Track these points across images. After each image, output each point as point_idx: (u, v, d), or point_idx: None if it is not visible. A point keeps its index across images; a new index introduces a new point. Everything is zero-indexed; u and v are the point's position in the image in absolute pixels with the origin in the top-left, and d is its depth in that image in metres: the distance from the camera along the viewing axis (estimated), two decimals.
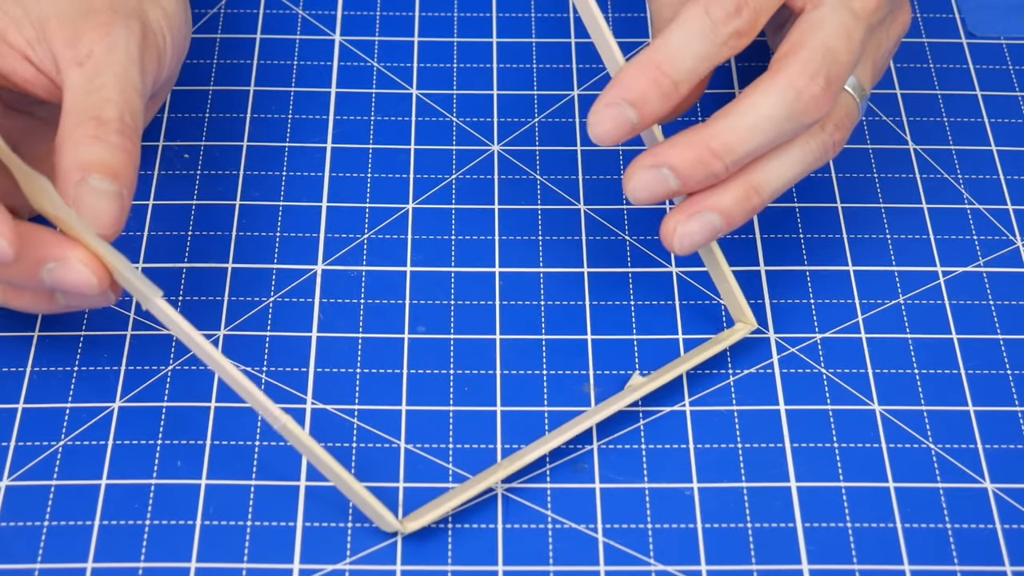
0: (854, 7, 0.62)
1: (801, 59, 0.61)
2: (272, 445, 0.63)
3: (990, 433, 0.64)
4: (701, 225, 0.62)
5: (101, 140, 0.60)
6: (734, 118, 0.61)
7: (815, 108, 0.61)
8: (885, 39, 0.66)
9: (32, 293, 0.61)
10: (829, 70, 0.61)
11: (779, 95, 0.61)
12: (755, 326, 0.66)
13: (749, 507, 0.62)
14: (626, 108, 0.61)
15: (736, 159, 0.61)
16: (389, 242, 0.70)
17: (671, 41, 0.61)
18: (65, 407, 0.64)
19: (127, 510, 0.61)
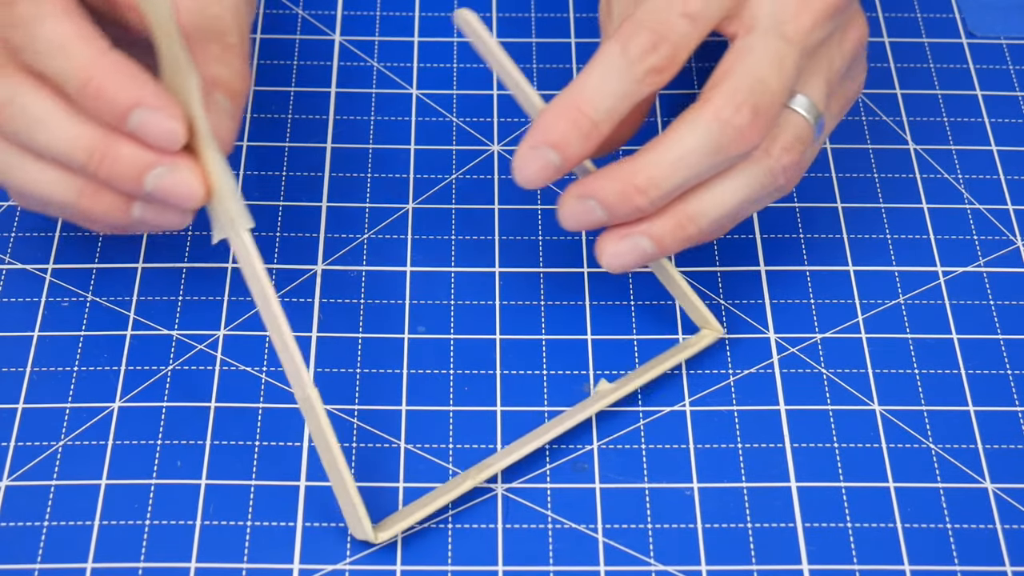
0: (786, 31, 0.61)
1: (726, 90, 0.60)
2: (272, 445, 0.63)
3: (990, 433, 0.64)
4: (630, 248, 0.62)
5: (224, 62, 0.61)
6: (659, 153, 0.60)
7: (742, 139, 0.60)
8: (838, 55, 0.63)
9: (112, 198, 0.60)
10: (757, 100, 0.60)
11: (704, 128, 0.60)
12: (722, 332, 0.66)
13: (749, 507, 0.62)
14: (548, 151, 0.60)
15: (662, 194, 0.60)
16: (389, 242, 0.70)
17: (589, 81, 0.60)
18: (65, 407, 0.64)
19: (127, 510, 0.61)
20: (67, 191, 0.60)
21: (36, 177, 0.60)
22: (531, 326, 0.67)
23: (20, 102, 0.59)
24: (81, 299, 0.67)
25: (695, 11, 0.60)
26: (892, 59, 0.77)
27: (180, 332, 0.66)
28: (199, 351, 0.65)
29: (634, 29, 0.60)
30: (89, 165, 0.58)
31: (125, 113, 0.57)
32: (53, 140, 0.59)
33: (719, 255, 0.69)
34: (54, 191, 0.60)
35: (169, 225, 0.61)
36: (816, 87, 0.62)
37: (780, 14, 0.61)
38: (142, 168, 0.58)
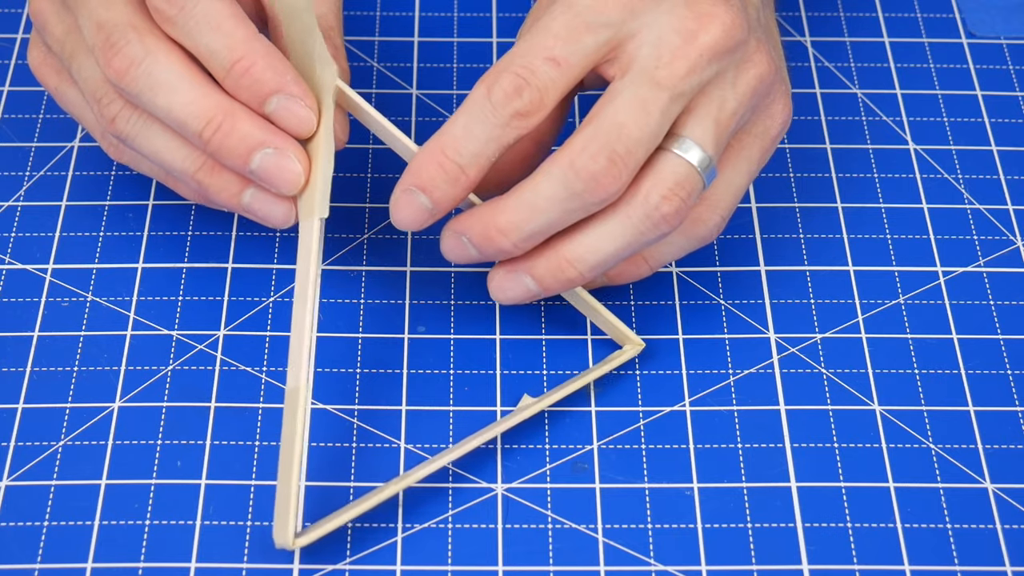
0: (657, 76, 0.59)
1: (584, 136, 0.59)
2: (272, 445, 0.63)
3: (990, 433, 0.64)
4: (515, 284, 0.62)
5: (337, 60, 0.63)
6: (517, 197, 0.60)
7: (597, 187, 0.59)
8: (731, 96, 0.61)
9: (228, 178, 0.62)
10: (614, 146, 0.59)
11: (559, 174, 0.59)
12: (643, 346, 0.65)
13: (749, 507, 0.62)
14: (418, 195, 0.60)
15: (523, 237, 0.60)
16: (389, 242, 0.69)
17: (455, 125, 0.60)
18: (65, 407, 0.64)
19: (127, 510, 0.61)
20: (187, 161, 0.62)
21: (159, 144, 0.62)
22: (530, 326, 0.67)
23: (148, 64, 0.60)
24: (81, 299, 0.67)
25: (560, 56, 0.59)
26: (892, 59, 0.77)
27: (180, 332, 0.66)
28: (199, 351, 0.65)
29: (499, 73, 0.59)
30: (204, 133, 0.60)
31: (268, 95, 0.60)
32: (173, 105, 0.60)
33: (719, 255, 0.69)
34: (175, 158, 0.62)
35: (273, 220, 0.63)
36: (700, 129, 0.60)
37: (655, 58, 0.60)
38: (253, 146, 0.60)
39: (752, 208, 0.71)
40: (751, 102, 0.62)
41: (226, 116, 0.60)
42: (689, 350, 0.66)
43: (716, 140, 0.61)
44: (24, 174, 0.71)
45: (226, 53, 0.60)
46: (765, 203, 0.71)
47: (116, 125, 0.62)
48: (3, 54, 0.76)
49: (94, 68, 0.62)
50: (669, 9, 0.60)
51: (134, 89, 0.61)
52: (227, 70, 0.60)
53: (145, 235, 0.69)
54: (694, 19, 0.60)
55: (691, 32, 0.60)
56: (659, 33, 0.60)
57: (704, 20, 0.60)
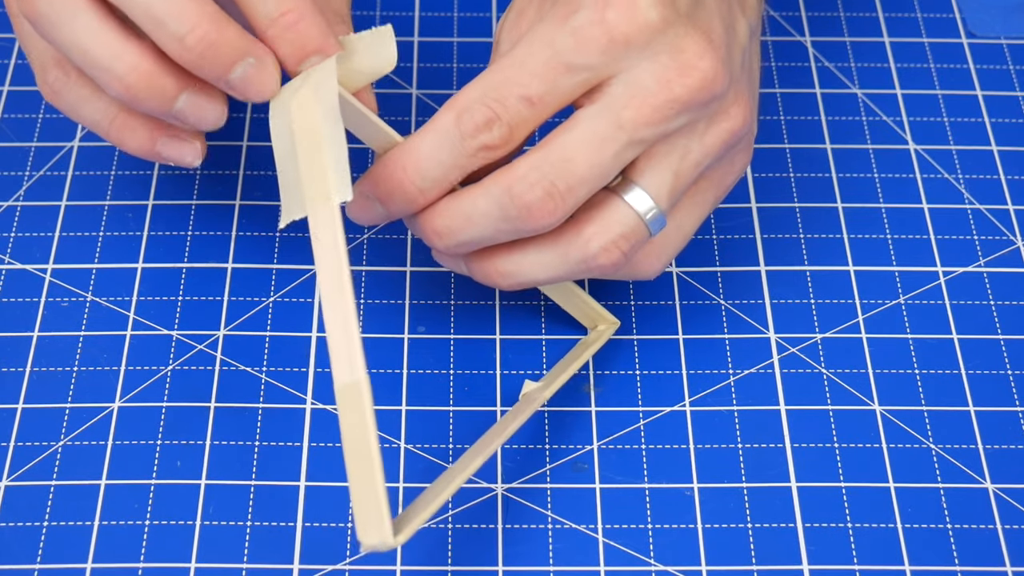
0: (621, 117, 0.58)
1: (528, 162, 0.58)
2: (272, 445, 0.63)
3: (990, 433, 0.64)
4: (451, 263, 0.62)
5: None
6: (456, 205, 0.59)
7: (530, 217, 0.58)
8: (697, 147, 0.59)
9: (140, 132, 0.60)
10: (555, 181, 0.57)
11: (496, 196, 0.58)
12: (618, 324, 0.65)
13: (749, 507, 0.62)
14: (375, 203, 0.60)
15: (457, 243, 0.60)
16: (388, 242, 0.69)
17: (422, 144, 0.58)
18: (65, 407, 0.64)
19: (127, 510, 0.61)
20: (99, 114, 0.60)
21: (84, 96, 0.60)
22: (531, 326, 0.67)
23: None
24: (81, 299, 0.67)
25: (536, 95, 0.58)
26: (892, 59, 0.77)
27: (180, 332, 0.66)
28: (199, 351, 0.65)
29: (470, 102, 0.58)
30: (187, 39, 0.56)
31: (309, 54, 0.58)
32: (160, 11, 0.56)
33: (719, 255, 0.69)
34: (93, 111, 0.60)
35: (187, 161, 0.60)
36: (658, 180, 0.59)
37: (625, 98, 0.58)
38: (237, 57, 0.57)
39: (752, 208, 0.71)
40: (717, 154, 0.60)
41: (212, 24, 0.57)
42: (689, 350, 0.66)
43: (671, 194, 0.60)
44: (24, 174, 0.71)
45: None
46: (765, 203, 0.71)
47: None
48: (3, 54, 0.76)
49: None
50: (652, 56, 0.58)
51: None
52: (272, 19, 0.58)
53: (145, 235, 0.69)
54: (675, 68, 0.58)
55: (668, 81, 0.58)
56: (636, 75, 0.58)
57: (684, 71, 0.58)
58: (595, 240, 0.59)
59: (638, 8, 0.57)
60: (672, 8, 0.58)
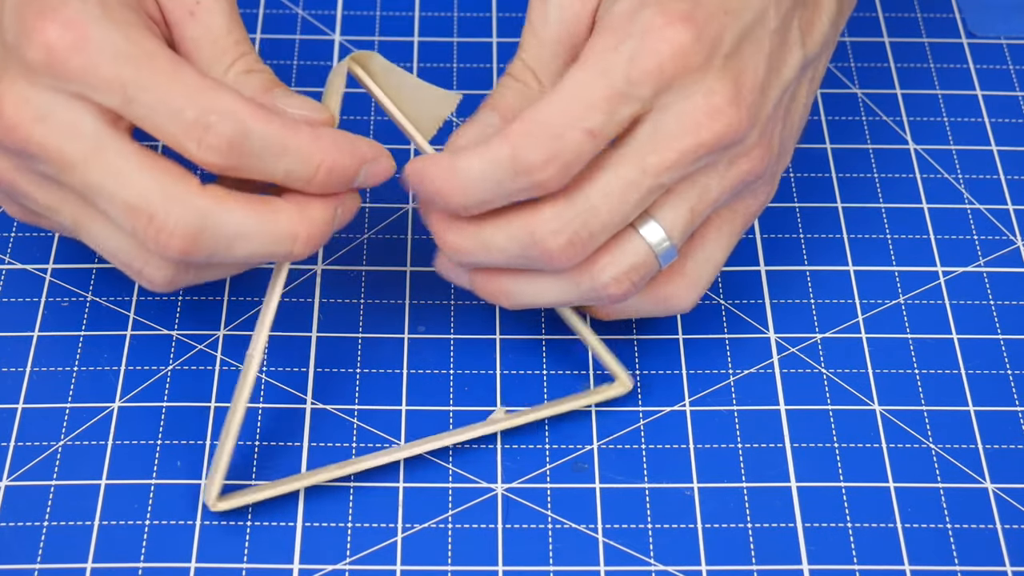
0: (646, 162, 0.58)
1: (554, 209, 0.58)
2: (272, 445, 0.63)
3: (990, 433, 0.64)
4: (456, 276, 0.62)
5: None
6: (475, 231, 0.59)
7: (549, 261, 0.58)
8: (716, 185, 0.60)
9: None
10: (578, 229, 0.58)
11: (517, 234, 0.58)
12: (631, 387, 0.64)
13: (749, 507, 0.62)
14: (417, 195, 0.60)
15: (468, 263, 0.60)
16: (389, 242, 0.69)
17: (472, 166, 0.58)
18: (65, 407, 0.64)
19: (127, 510, 0.61)
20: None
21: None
22: (531, 326, 0.67)
23: (214, 223, 0.57)
24: (81, 299, 0.67)
25: (597, 128, 0.57)
26: (892, 59, 0.77)
27: (180, 332, 0.66)
28: (199, 351, 0.65)
29: (530, 138, 0.57)
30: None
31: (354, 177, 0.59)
32: (253, 247, 0.58)
33: None
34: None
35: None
36: (676, 217, 0.59)
37: (650, 143, 0.58)
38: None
39: None
40: (734, 191, 0.60)
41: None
42: (689, 350, 0.66)
43: (685, 230, 0.60)
44: None
45: (304, 166, 0.57)
46: None
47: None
48: None
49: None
50: (685, 96, 0.58)
51: (202, 256, 0.57)
52: (311, 178, 0.58)
53: None
54: (703, 111, 0.58)
55: (696, 125, 0.58)
56: (665, 117, 0.58)
57: (713, 115, 0.58)
58: (607, 271, 0.59)
59: (687, 49, 0.57)
60: (714, 50, 0.58)
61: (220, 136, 0.56)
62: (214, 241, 0.57)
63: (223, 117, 0.56)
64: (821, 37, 0.62)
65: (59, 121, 0.57)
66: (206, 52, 0.60)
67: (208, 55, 0.60)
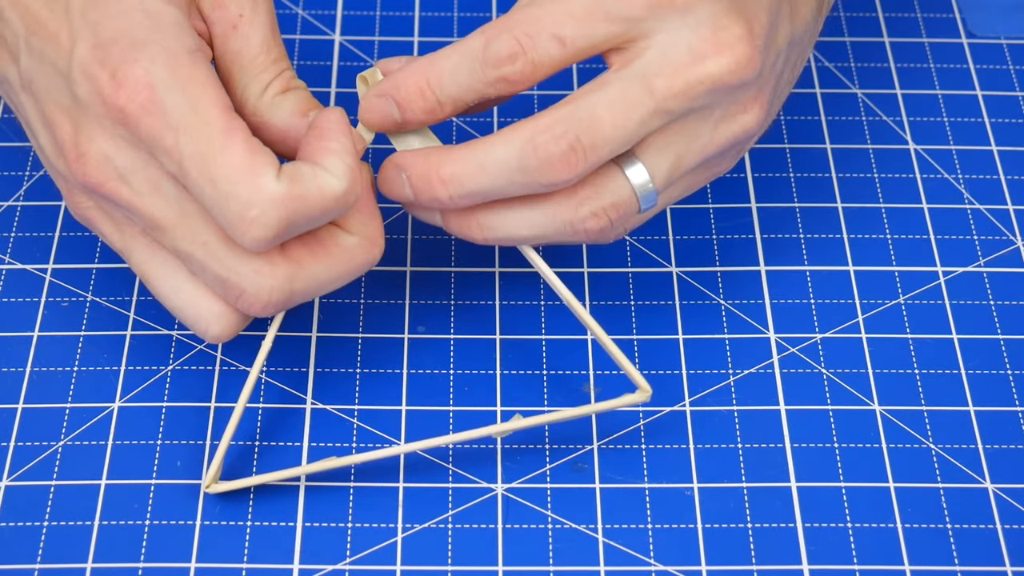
0: (653, 84, 0.57)
1: (556, 115, 0.57)
2: (272, 445, 0.63)
3: (990, 433, 0.64)
4: (427, 216, 0.62)
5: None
6: (469, 152, 0.59)
7: (550, 169, 0.57)
8: (708, 136, 0.59)
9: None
10: (580, 136, 0.57)
11: (517, 144, 0.57)
12: (651, 395, 0.63)
13: (749, 507, 0.62)
14: (391, 104, 0.60)
15: (462, 194, 0.59)
16: (388, 243, 0.69)
17: (446, 61, 0.59)
18: (65, 407, 0.64)
19: (127, 510, 0.61)
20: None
21: None
22: (531, 326, 0.67)
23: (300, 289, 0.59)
24: (81, 299, 0.67)
25: (567, 36, 0.58)
26: (892, 59, 0.77)
27: (180, 332, 0.66)
28: (199, 351, 0.65)
29: (501, 31, 0.58)
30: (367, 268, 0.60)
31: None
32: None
33: (719, 255, 0.69)
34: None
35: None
36: (662, 161, 0.59)
37: (657, 65, 0.57)
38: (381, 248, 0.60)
39: (752, 208, 0.71)
40: (723, 149, 0.60)
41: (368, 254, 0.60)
42: (689, 350, 0.66)
43: (668, 176, 0.59)
44: (24, 174, 0.71)
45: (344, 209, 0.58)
46: (765, 203, 0.71)
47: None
48: None
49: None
50: (692, 24, 0.58)
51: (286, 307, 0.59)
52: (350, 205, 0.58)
53: None
54: (712, 43, 0.58)
55: (702, 54, 0.57)
56: (672, 42, 0.58)
57: (720, 48, 0.58)
58: (587, 204, 0.59)
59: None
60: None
61: (265, 227, 0.56)
62: (303, 296, 0.59)
63: (267, 209, 0.56)
64: (804, 19, 0.62)
65: (143, 178, 0.57)
66: (246, 67, 0.60)
67: (248, 71, 0.60)
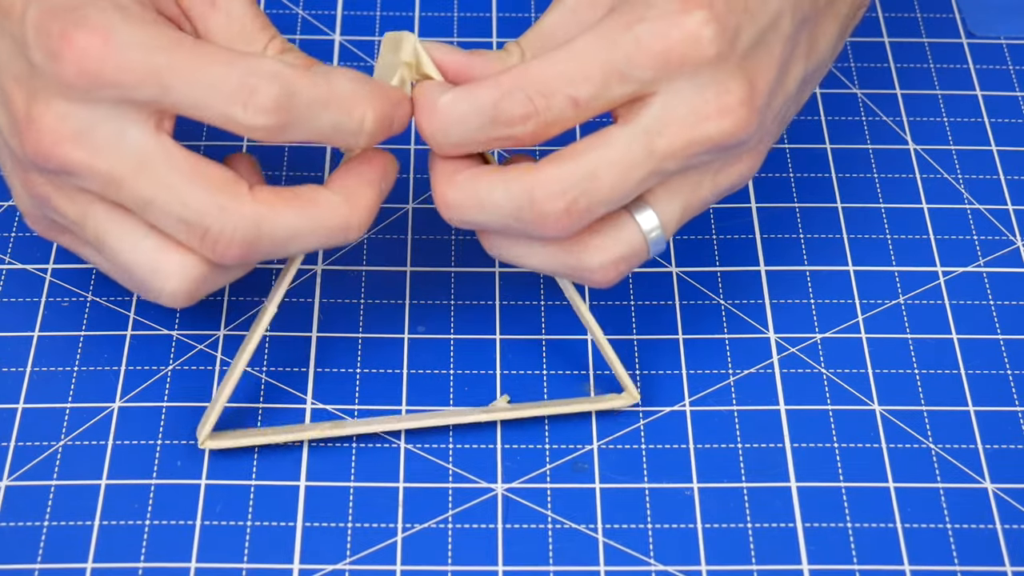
0: (655, 144, 0.57)
1: (558, 172, 0.57)
2: (272, 445, 0.63)
3: (990, 433, 0.64)
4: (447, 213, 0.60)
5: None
6: (472, 185, 0.58)
7: (545, 226, 0.57)
8: (709, 186, 0.59)
9: None
10: (578, 197, 0.57)
11: (516, 195, 0.57)
12: (637, 399, 0.64)
13: (749, 507, 0.62)
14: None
15: (463, 221, 0.59)
16: (389, 242, 0.69)
17: (454, 109, 0.57)
18: (65, 407, 0.64)
19: (127, 510, 0.61)
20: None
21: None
22: (531, 326, 0.67)
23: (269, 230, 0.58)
24: (81, 299, 0.67)
25: (584, 99, 0.57)
26: (892, 59, 0.77)
27: (180, 332, 0.66)
28: (199, 351, 0.65)
29: (514, 88, 0.57)
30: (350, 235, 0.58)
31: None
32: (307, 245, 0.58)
33: (719, 255, 0.69)
34: None
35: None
36: (672, 209, 0.59)
37: (660, 123, 0.57)
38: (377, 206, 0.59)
39: (752, 208, 0.71)
40: (722, 194, 0.60)
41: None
42: (689, 350, 0.66)
43: (677, 223, 0.60)
44: None
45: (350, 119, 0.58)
46: (765, 203, 0.71)
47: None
48: None
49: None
50: (698, 85, 0.57)
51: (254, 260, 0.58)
52: (358, 131, 0.58)
53: None
54: (716, 107, 0.57)
55: (706, 117, 0.57)
56: (677, 102, 0.57)
57: (723, 113, 0.57)
58: (599, 255, 0.59)
59: (701, 37, 0.56)
60: (731, 46, 0.57)
61: (267, 96, 0.55)
62: (271, 244, 0.57)
63: (266, 79, 0.55)
64: (820, 55, 0.62)
65: (101, 135, 0.56)
66: (235, 39, 0.60)
67: (238, 42, 0.60)
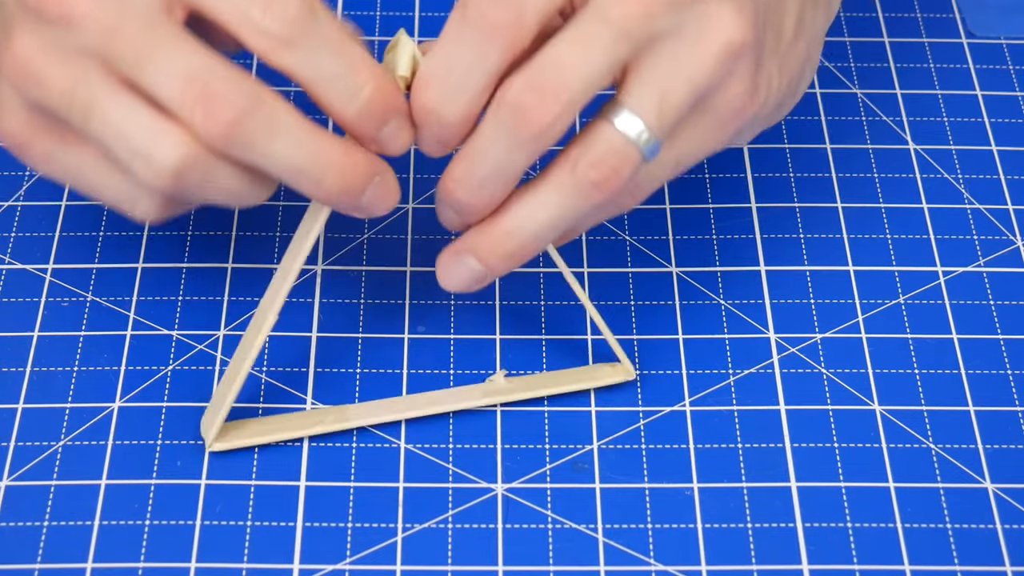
0: (609, 13, 0.55)
1: (522, 71, 0.56)
2: (272, 445, 0.63)
3: (990, 433, 0.64)
4: (459, 267, 0.60)
5: None
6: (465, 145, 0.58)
7: (527, 120, 0.56)
8: (688, 58, 0.56)
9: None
10: (544, 79, 0.56)
11: (493, 111, 0.56)
12: (633, 376, 0.64)
13: (749, 507, 0.62)
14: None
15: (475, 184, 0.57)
16: (389, 242, 0.70)
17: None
18: (65, 407, 0.64)
19: (127, 510, 0.61)
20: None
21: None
22: (531, 326, 0.67)
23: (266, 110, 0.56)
24: (81, 299, 0.67)
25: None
26: (892, 59, 0.77)
27: (180, 332, 0.66)
28: (199, 351, 0.65)
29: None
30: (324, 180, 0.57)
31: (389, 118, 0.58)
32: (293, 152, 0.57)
33: (719, 255, 0.69)
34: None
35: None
36: (646, 99, 0.57)
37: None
38: (372, 175, 0.58)
39: (752, 208, 0.71)
40: (711, 70, 0.57)
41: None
42: (689, 350, 0.66)
43: (659, 114, 0.57)
44: (24, 174, 0.71)
45: (352, 76, 0.56)
46: (765, 203, 0.71)
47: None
48: None
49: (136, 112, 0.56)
50: None
51: (245, 140, 0.56)
52: (353, 94, 0.57)
53: (145, 235, 0.69)
54: None
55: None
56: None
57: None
58: (582, 159, 0.57)
59: None
60: None
61: (290, 4, 0.55)
62: (262, 126, 0.56)
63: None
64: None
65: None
66: None
67: None
